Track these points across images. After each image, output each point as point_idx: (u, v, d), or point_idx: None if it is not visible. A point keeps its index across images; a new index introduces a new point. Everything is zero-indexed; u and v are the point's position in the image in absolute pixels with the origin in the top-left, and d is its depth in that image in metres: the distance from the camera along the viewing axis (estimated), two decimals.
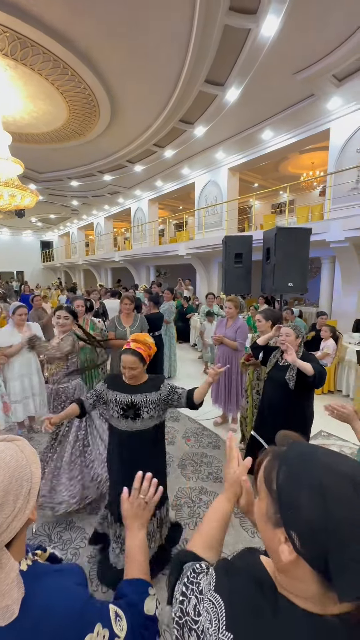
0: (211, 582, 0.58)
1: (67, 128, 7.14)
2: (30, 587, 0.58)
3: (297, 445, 0.58)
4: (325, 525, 0.44)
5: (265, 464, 0.59)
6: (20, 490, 0.59)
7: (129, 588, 0.74)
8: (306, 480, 0.49)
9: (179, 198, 13.30)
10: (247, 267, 4.22)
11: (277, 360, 2.32)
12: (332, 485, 0.46)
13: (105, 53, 4.78)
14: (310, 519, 0.46)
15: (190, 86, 5.49)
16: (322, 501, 0.46)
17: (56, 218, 18.38)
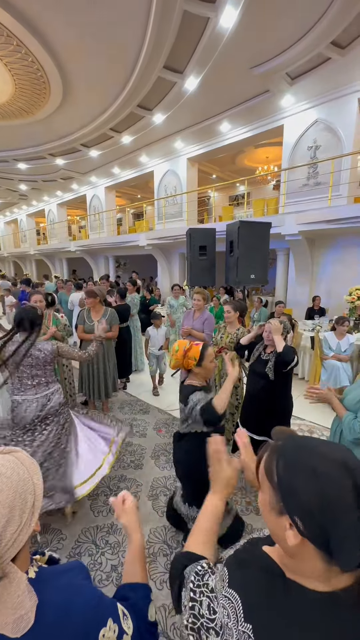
0: (224, 578, 0.61)
1: (13, 104, 6.52)
2: (43, 591, 0.58)
3: (293, 438, 0.63)
4: (321, 505, 0.50)
5: (265, 458, 0.63)
6: (25, 504, 0.58)
7: (131, 593, 0.75)
8: (302, 468, 0.54)
9: (137, 186, 12.97)
10: (211, 259, 4.31)
11: (260, 354, 2.44)
12: (324, 469, 0.52)
13: (56, 26, 4.41)
14: (309, 501, 0.51)
15: (149, 71, 5.33)
16: (316, 485, 0.51)
17: (2, 203, 16.85)
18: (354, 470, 0.51)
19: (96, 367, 3.58)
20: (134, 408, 4.07)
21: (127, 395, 4.47)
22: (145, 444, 3.24)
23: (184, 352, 1.77)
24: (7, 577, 0.53)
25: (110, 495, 2.52)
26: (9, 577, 0.53)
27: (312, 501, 0.51)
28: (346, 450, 0.57)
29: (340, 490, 0.50)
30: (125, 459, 2.99)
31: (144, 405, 4.16)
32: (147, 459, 3.00)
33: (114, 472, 2.80)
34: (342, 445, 0.63)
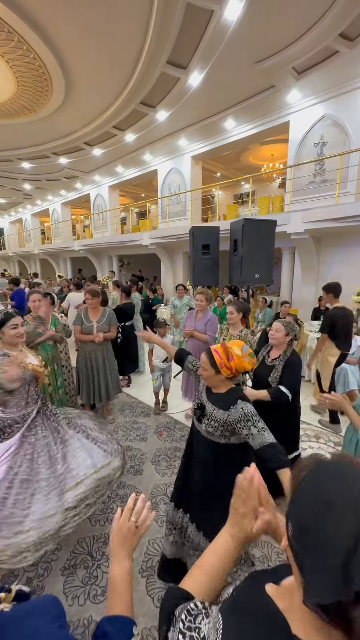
0: (217, 627, 0.51)
1: (15, 102, 6.47)
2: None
3: (332, 462, 0.52)
4: (315, 529, 0.44)
5: (301, 465, 0.54)
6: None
7: (111, 627, 0.66)
8: (320, 488, 0.47)
9: (140, 185, 12.89)
10: (214, 258, 4.21)
11: (264, 358, 2.33)
12: (338, 503, 0.44)
13: (58, 22, 4.34)
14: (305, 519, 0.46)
15: (152, 66, 5.23)
16: (322, 510, 0.45)
17: (7, 203, 16.90)
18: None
19: (96, 369, 3.50)
20: (135, 410, 3.99)
21: (128, 397, 4.39)
22: (145, 449, 3.15)
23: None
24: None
25: (109, 502, 2.44)
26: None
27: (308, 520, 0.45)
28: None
29: (340, 531, 0.42)
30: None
31: (145, 407, 4.08)
32: (147, 464, 2.92)
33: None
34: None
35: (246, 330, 2.88)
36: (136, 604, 1.71)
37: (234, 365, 1.47)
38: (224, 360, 1.46)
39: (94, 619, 1.65)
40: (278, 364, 2.23)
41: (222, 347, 1.49)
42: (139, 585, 1.81)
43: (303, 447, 3.05)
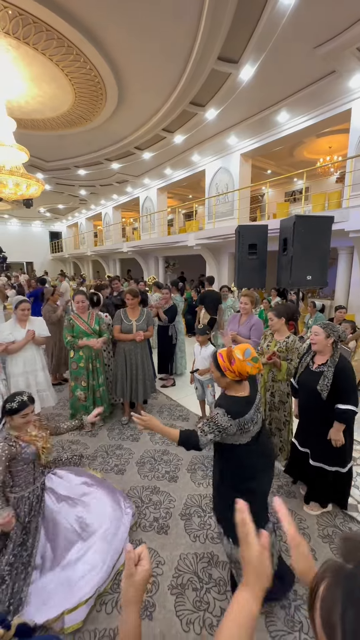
0: None
1: (73, 113, 6.87)
2: None
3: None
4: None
5: (322, 594, 0.38)
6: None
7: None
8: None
9: (188, 186, 12.90)
10: (261, 258, 3.97)
11: (308, 365, 2.11)
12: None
13: (111, 30, 4.47)
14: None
15: (202, 64, 5.14)
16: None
17: (64, 208, 18.20)
18: None
19: (134, 368, 3.50)
20: (173, 413, 3.93)
21: (168, 399, 4.34)
22: (182, 455, 3.06)
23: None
24: None
25: (142, 507, 2.40)
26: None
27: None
28: None
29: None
30: (159, 469, 2.85)
31: (184, 411, 4.00)
32: (183, 471, 2.82)
33: (147, 482, 2.68)
34: None
35: (294, 337, 2.63)
36: (165, 624, 1.62)
37: (236, 368, 1.47)
38: (226, 363, 1.49)
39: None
40: (327, 370, 2.00)
41: (227, 351, 1.53)
42: (168, 604, 1.72)
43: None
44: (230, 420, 1.42)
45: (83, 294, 3.44)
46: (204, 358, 3.39)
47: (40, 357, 3.34)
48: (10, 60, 5.03)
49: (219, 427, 1.42)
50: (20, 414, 1.79)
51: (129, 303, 3.45)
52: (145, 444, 3.25)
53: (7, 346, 3.03)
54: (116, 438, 3.36)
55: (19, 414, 1.79)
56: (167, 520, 2.27)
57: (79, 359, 3.32)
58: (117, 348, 3.60)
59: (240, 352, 1.49)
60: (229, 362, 1.50)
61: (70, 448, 3.14)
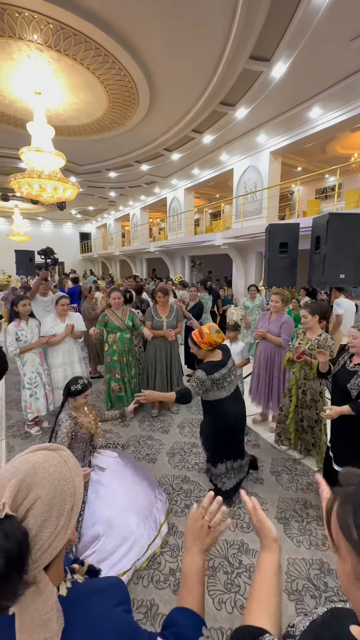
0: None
1: (106, 118, 7.15)
2: (71, 615, 0.52)
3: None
4: None
5: (336, 511, 0.48)
6: (64, 506, 0.53)
7: (181, 618, 0.66)
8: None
9: (216, 186, 12.90)
10: (292, 257, 3.95)
11: (345, 363, 2.12)
12: None
13: (145, 37, 4.63)
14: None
15: (234, 64, 5.17)
16: None
17: (94, 210, 18.84)
18: None
19: (162, 362, 3.63)
20: (199, 408, 4.00)
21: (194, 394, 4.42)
22: None
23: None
24: (37, 586, 0.49)
25: (173, 494, 2.51)
26: (39, 587, 0.49)
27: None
28: None
29: None
30: (189, 460, 2.95)
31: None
32: None
33: (178, 472, 2.79)
34: None
35: (325, 335, 2.62)
36: None
37: (207, 339, 2.15)
38: (199, 338, 2.16)
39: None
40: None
41: (198, 330, 2.20)
42: None
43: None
44: (205, 376, 2.08)
45: (119, 291, 3.62)
46: (235, 354, 3.44)
47: (77, 350, 3.56)
48: (51, 72, 5.35)
49: (199, 381, 2.08)
50: (83, 394, 2.03)
51: (159, 301, 3.59)
52: (175, 436, 3.36)
53: (49, 339, 3.27)
54: (147, 429, 3.50)
55: (82, 395, 2.03)
56: None
57: (112, 352, 3.50)
58: (147, 344, 3.75)
59: (207, 328, 2.16)
60: (201, 337, 2.15)
61: (104, 436, 3.32)
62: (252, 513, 0.79)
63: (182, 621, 0.66)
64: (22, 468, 0.53)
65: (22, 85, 5.76)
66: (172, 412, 3.88)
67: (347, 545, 0.45)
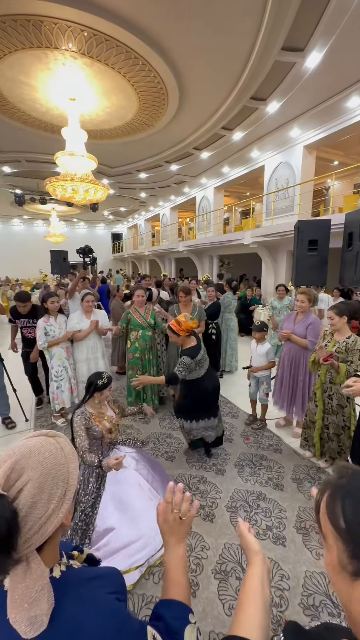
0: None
1: (137, 120, 7.28)
2: (62, 597, 0.53)
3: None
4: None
5: (325, 500, 0.50)
6: (56, 489, 0.55)
7: (166, 611, 0.65)
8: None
9: (246, 184, 12.64)
10: (322, 255, 3.75)
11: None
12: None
13: (175, 38, 4.64)
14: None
15: (265, 57, 5.02)
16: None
17: (126, 211, 19.30)
18: None
19: None
20: (223, 410, 3.95)
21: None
22: (230, 450, 3.08)
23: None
24: (29, 565, 0.50)
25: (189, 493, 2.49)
26: (30, 565, 0.50)
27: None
28: None
29: None
30: (207, 461, 2.92)
31: (233, 408, 3.99)
32: (230, 466, 2.84)
33: (195, 472, 2.76)
34: None
35: (355, 337, 2.45)
36: (207, 604, 1.69)
37: (184, 327, 2.48)
38: (178, 327, 2.48)
39: None
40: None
41: (175, 321, 2.51)
42: (211, 587, 1.78)
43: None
44: (191, 360, 2.45)
45: (142, 289, 3.67)
46: (260, 355, 3.36)
47: (101, 345, 3.66)
48: (84, 78, 5.56)
49: (186, 365, 2.44)
50: (108, 388, 2.12)
51: (181, 300, 3.58)
52: None
53: (75, 334, 3.39)
54: (167, 427, 3.51)
55: (107, 388, 2.12)
56: (212, 510, 2.32)
57: (134, 350, 3.56)
58: (169, 342, 3.76)
59: (182, 317, 2.51)
60: (179, 326, 2.47)
61: (125, 432, 3.38)
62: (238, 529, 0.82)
63: (168, 613, 0.65)
64: (19, 451, 0.55)
65: (58, 92, 6.04)
66: None
67: (334, 534, 0.46)
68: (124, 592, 0.67)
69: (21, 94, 6.20)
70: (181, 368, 2.42)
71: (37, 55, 4.98)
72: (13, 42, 4.72)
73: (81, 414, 2.08)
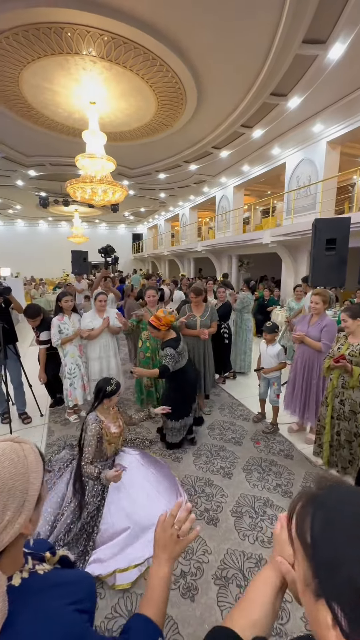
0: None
1: (155, 121, 7.32)
2: (18, 606, 0.51)
3: (338, 487, 0.47)
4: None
5: (297, 511, 0.47)
6: (12, 501, 0.53)
7: (136, 625, 0.64)
8: (349, 529, 0.40)
9: (267, 182, 12.39)
10: (341, 254, 3.59)
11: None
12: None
13: (193, 37, 4.61)
14: (357, 582, 0.35)
15: (285, 52, 4.88)
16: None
17: (146, 211, 19.49)
18: None
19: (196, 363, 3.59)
20: (234, 412, 3.89)
21: (230, 398, 4.31)
22: (238, 453, 3.02)
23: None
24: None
25: (194, 496, 2.47)
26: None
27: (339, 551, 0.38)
28: None
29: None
30: (215, 463, 2.88)
31: (245, 411, 3.92)
32: (238, 470, 2.79)
33: (202, 474, 2.74)
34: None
35: None
36: (206, 609, 1.66)
37: (164, 321, 2.67)
38: (158, 322, 2.66)
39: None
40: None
41: (154, 317, 2.69)
42: (210, 592, 1.75)
43: None
44: (174, 350, 2.67)
45: (154, 289, 3.68)
46: (270, 356, 3.29)
47: (113, 344, 3.71)
48: (103, 81, 5.66)
49: (171, 356, 2.64)
50: (116, 394, 2.17)
51: (192, 300, 3.56)
52: (204, 437, 3.31)
53: (89, 332, 3.46)
54: None
55: (116, 394, 2.17)
56: (217, 514, 2.29)
57: (145, 349, 3.58)
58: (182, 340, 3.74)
59: (161, 313, 2.70)
60: (159, 321, 2.65)
61: (135, 431, 3.41)
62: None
63: (136, 628, 0.64)
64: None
65: (79, 97, 6.20)
66: (204, 412, 3.82)
67: (301, 549, 0.43)
68: (91, 600, 0.66)
69: (44, 99, 6.42)
70: (168, 359, 2.61)
71: (59, 61, 5.14)
72: (36, 50, 4.89)
73: (96, 422, 2.13)
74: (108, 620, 1.61)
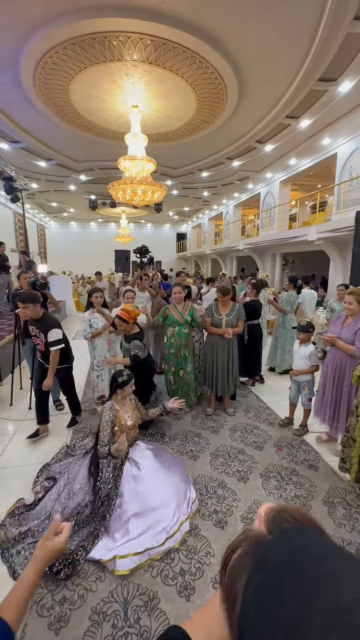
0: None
1: (196, 119, 7.31)
2: None
3: (296, 537, 0.33)
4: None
5: (232, 562, 0.35)
6: None
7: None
8: (293, 619, 0.26)
9: (316, 175, 11.60)
10: None
11: None
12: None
13: (233, 31, 4.50)
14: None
15: (333, 33, 4.52)
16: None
17: (190, 210, 19.58)
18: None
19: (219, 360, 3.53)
20: (259, 415, 3.73)
21: (257, 401, 4.15)
22: (258, 458, 2.90)
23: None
24: None
25: (205, 495, 2.43)
26: None
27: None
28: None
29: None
30: (231, 465, 2.80)
31: (271, 415, 3.74)
32: (255, 475, 2.68)
33: (217, 475, 2.68)
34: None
35: None
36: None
37: (133, 315, 3.09)
38: (127, 315, 3.05)
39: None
40: None
41: (124, 310, 3.10)
42: (207, 595, 1.72)
43: None
44: (141, 342, 3.07)
45: (181, 286, 3.69)
46: (302, 357, 3.11)
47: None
48: (144, 84, 5.81)
49: (139, 347, 3.03)
50: (129, 384, 2.28)
51: (220, 299, 3.50)
52: (224, 439, 3.23)
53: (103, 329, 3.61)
54: (197, 426, 3.48)
55: (129, 385, 2.28)
56: (226, 517, 2.22)
57: (170, 345, 3.61)
58: (206, 340, 3.70)
59: (129, 307, 3.25)
60: (129, 314, 3.04)
61: (155, 425, 3.46)
62: None
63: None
64: None
65: (122, 101, 6.44)
66: (227, 413, 3.74)
67: (225, 611, 0.34)
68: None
69: (91, 107, 6.80)
70: (137, 350, 3.00)
71: (103, 69, 5.40)
72: (82, 61, 5.20)
73: (110, 409, 2.23)
74: (104, 603, 1.67)
